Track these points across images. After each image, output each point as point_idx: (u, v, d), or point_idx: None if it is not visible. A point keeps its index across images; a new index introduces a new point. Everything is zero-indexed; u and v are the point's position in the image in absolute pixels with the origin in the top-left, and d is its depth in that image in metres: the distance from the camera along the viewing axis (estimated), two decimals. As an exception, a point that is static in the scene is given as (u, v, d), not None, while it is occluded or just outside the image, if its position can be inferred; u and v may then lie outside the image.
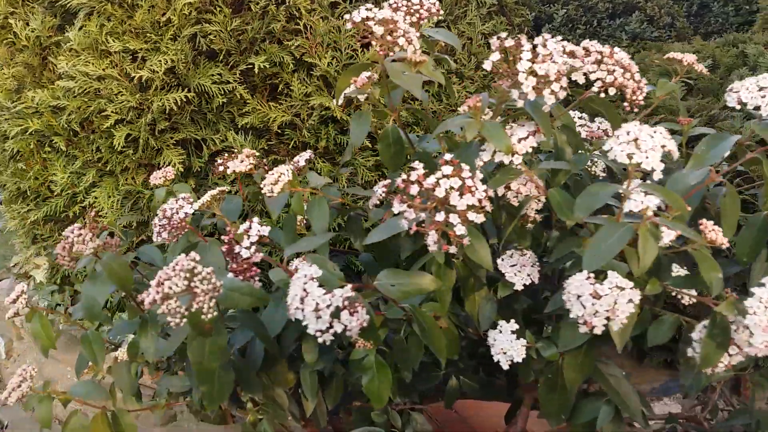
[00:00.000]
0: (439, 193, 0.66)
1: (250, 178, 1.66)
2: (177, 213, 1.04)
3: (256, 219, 0.82)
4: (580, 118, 1.18)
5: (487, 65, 0.70)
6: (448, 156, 0.68)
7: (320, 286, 0.64)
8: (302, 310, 0.65)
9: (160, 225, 1.05)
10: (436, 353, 0.78)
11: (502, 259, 0.87)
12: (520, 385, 1.15)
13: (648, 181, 0.72)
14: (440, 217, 0.66)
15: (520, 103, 0.69)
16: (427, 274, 0.72)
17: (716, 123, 1.62)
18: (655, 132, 0.68)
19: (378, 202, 0.98)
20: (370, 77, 0.85)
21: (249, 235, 0.79)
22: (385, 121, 0.92)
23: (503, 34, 0.71)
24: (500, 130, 0.71)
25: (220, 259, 1.05)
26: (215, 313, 0.73)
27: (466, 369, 1.04)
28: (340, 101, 0.91)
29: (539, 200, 0.82)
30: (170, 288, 0.72)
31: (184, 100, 1.58)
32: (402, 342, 0.89)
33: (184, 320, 0.73)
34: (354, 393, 1.20)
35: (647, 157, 0.66)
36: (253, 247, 0.78)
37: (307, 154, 1.12)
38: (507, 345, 0.84)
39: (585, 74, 0.75)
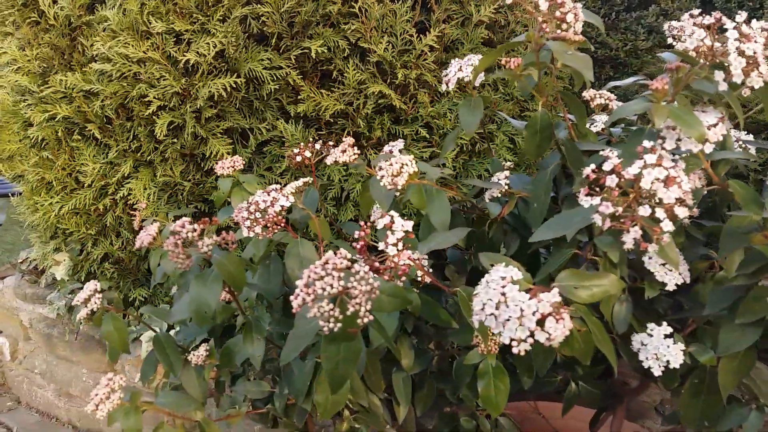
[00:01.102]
0: (645, 184, 0.59)
1: (305, 167, 1.57)
2: (272, 206, 0.96)
3: (394, 213, 0.74)
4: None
5: (691, 43, 0.63)
6: (647, 143, 0.61)
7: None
8: (496, 316, 0.57)
9: (250, 219, 0.96)
10: (610, 360, 0.71)
11: (650, 257, 0.81)
12: (613, 391, 1.10)
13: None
14: (645, 211, 0.59)
15: (722, 86, 0.62)
16: (609, 273, 0.66)
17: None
18: None
19: (499, 194, 0.91)
20: (520, 59, 0.77)
21: (393, 231, 0.71)
22: (531, 107, 0.84)
23: (695, 11, 0.64)
24: (693, 116, 0.64)
25: (314, 255, 0.97)
26: (372, 317, 0.65)
27: (586, 374, 0.98)
28: (477, 82, 0.83)
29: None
30: (323, 289, 0.64)
31: (233, 86, 1.48)
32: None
33: (339, 325, 0.65)
34: (442, 397, 1.13)
35: None
36: (401, 244, 0.70)
37: (399, 143, 1.05)
38: (662, 350, 0.78)
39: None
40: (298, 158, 1.08)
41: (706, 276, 0.90)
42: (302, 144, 1.09)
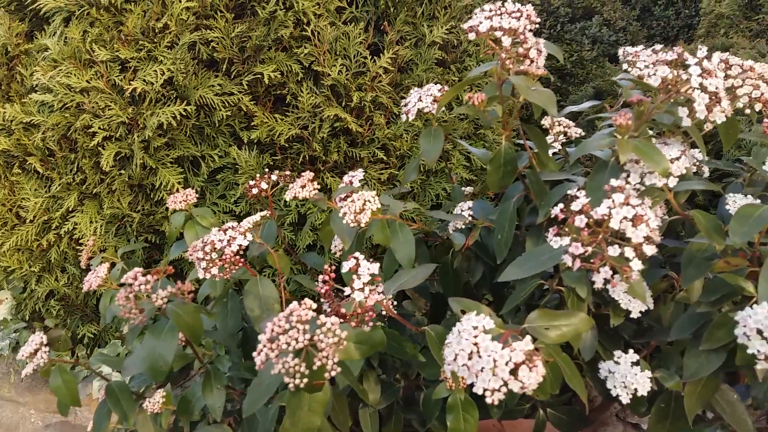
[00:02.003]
0: (614, 224, 0.58)
1: (264, 199, 1.53)
2: (229, 246, 0.92)
3: (360, 255, 0.72)
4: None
5: (655, 81, 0.63)
6: (615, 181, 0.61)
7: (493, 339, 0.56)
8: (469, 367, 0.56)
9: (206, 260, 0.93)
10: (581, 396, 0.70)
11: (615, 286, 0.81)
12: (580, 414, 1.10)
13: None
14: (615, 251, 0.58)
15: (686, 122, 0.62)
16: (578, 313, 0.65)
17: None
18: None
19: (461, 226, 0.90)
20: (484, 95, 0.76)
21: (359, 275, 0.69)
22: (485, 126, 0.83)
23: (658, 47, 0.64)
24: (657, 151, 0.64)
25: (274, 293, 0.94)
26: (339, 370, 0.63)
27: (554, 401, 0.97)
28: (439, 113, 0.82)
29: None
30: (287, 344, 0.61)
31: (183, 114, 1.44)
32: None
33: (305, 381, 0.62)
34: (410, 428, 1.12)
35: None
36: (368, 289, 0.68)
37: (360, 173, 1.03)
38: (630, 378, 0.78)
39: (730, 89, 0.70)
40: (254, 191, 1.05)
41: (667, 297, 0.91)
42: (258, 176, 1.06)
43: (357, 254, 0.72)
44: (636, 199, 0.60)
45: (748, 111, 0.70)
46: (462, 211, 0.91)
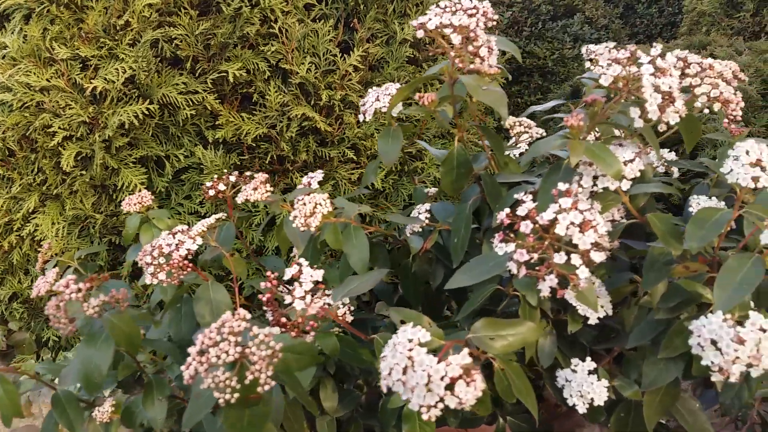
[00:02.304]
0: (560, 230, 0.56)
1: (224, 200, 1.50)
2: (177, 250, 0.89)
3: (304, 261, 0.69)
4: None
5: (604, 81, 0.60)
6: (562, 186, 0.58)
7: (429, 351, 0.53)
8: (404, 382, 0.53)
9: (154, 264, 0.89)
10: (532, 410, 0.68)
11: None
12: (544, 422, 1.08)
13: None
14: (561, 258, 0.56)
15: (638, 123, 0.60)
16: (526, 322, 0.62)
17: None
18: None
19: (419, 229, 0.87)
20: (434, 95, 0.73)
21: (301, 282, 0.66)
22: (448, 141, 0.81)
23: (611, 44, 0.62)
24: (610, 153, 0.62)
25: (226, 298, 0.91)
26: (273, 384, 0.60)
27: (514, 409, 0.95)
28: (394, 112, 0.79)
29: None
30: (218, 357, 0.58)
31: (146, 112, 1.40)
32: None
33: (236, 395, 0.59)
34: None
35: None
36: (309, 297, 0.65)
37: (319, 175, 1.00)
38: (586, 387, 0.75)
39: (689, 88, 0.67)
40: (211, 192, 1.01)
41: (631, 300, 0.88)
42: (216, 177, 1.03)
43: (301, 260, 0.69)
44: (584, 203, 0.58)
45: (707, 111, 0.67)
46: (419, 213, 0.88)
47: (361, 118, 0.91)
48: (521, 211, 0.58)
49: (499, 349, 0.59)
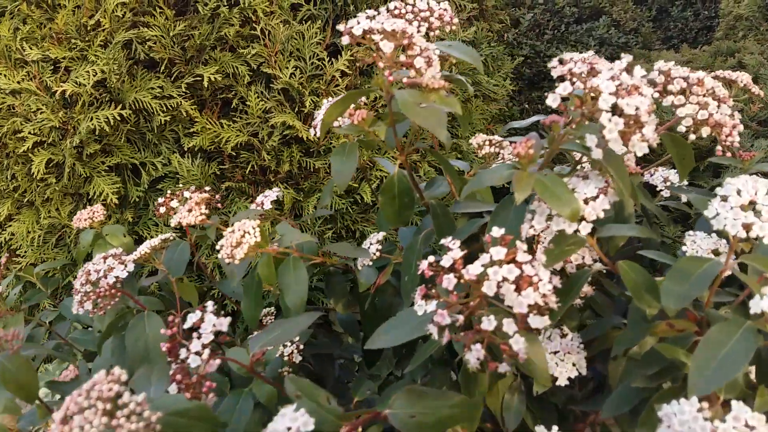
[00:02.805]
0: (488, 289, 0.44)
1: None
2: (105, 277, 0.80)
3: (210, 305, 0.59)
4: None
5: (552, 101, 0.49)
6: (496, 231, 0.47)
7: (316, 437, 0.42)
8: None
9: (82, 292, 0.81)
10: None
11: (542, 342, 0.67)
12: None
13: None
14: (489, 324, 0.44)
15: (596, 153, 0.48)
16: (455, 394, 0.51)
17: (724, 142, 1.46)
18: (775, 190, 0.49)
19: (370, 263, 0.76)
20: (366, 112, 0.63)
21: (200, 334, 0.56)
22: (390, 164, 0.70)
23: (566, 56, 0.50)
24: (565, 189, 0.50)
25: (163, 338, 0.82)
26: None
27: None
28: (321, 132, 0.69)
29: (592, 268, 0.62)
30: (81, 429, 0.48)
31: (118, 118, 1.32)
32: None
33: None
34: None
35: (774, 230, 0.47)
36: (207, 351, 0.55)
37: (273, 193, 0.90)
38: (551, 461, 0.63)
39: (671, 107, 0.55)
40: (162, 209, 0.92)
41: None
42: (169, 192, 0.94)
43: (208, 304, 0.59)
44: (524, 254, 0.46)
45: (693, 137, 0.55)
46: (371, 244, 0.77)
47: (312, 132, 0.80)
48: (446, 261, 0.47)
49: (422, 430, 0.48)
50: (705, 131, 0.54)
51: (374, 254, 0.75)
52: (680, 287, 0.51)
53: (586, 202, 0.52)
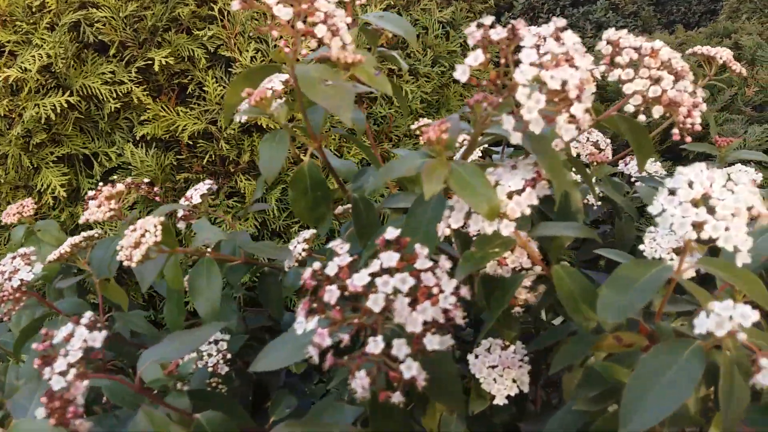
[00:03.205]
0: (374, 303, 0.36)
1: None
2: (10, 280, 0.72)
3: (88, 316, 0.51)
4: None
5: (461, 74, 0.40)
6: (391, 232, 0.39)
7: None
8: None
9: (-9, 294, 0.73)
10: None
11: (476, 356, 0.59)
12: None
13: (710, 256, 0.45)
14: (376, 347, 0.36)
15: (515, 138, 0.40)
16: (333, 426, 0.43)
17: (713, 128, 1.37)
18: (735, 182, 0.40)
19: (295, 264, 0.68)
20: (265, 91, 0.54)
21: (68, 351, 0.48)
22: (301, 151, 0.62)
23: (487, 20, 0.42)
24: (482, 180, 0.42)
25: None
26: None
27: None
28: (236, 119, 0.61)
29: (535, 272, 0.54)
30: None
31: (66, 105, 1.24)
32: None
33: None
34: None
35: (727, 230, 0.39)
36: (72, 372, 0.47)
37: (204, 186, 0.82)
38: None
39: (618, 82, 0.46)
40: (92, 203, 0.84)
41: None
42: (101, 185, 0.86)
43: (85, 314, 0.51)
44: (425, 260, 0.38)
45: (643, 118, 0.46)
46: (298, 243, 0.69)
47: (236, 118, 0.72)
48: (330, 268, 0.39)
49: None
50: (657, 111, 0.45)
51: (299, 255, 0.67)
52: (620, 297, 0.42)
53: (510, 196, 0.43)
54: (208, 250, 0.65)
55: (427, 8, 1.45)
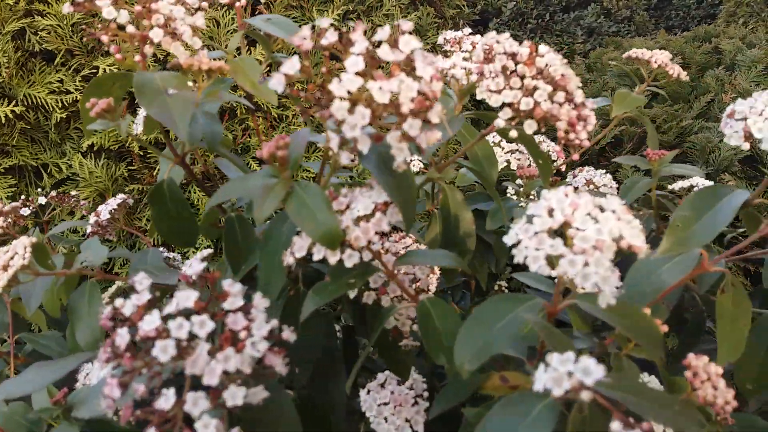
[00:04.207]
0: (162, 351, 0.31)
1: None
2: None
3: None
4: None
5: (276, 84, 0.35)
6: (196, 264, 0.34)
7: None
8: None
9: None
10: None
11: (368, 391, 0.53)
12: None
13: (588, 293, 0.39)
14: (166, 401, 0.31)
15: (343, 158, 0.35)
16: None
17: (688, 136, 1.31)
18: (603, 208, 0.35)
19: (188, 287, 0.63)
20: (108, 102, 0.50)
21: None
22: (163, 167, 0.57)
23: (324, 22, 0.37)
24: (323, 204, 0.37)
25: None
26: None
27: None
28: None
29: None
30: None
31: (11, 115, 1.20)
32: None
33: None
34: None
35: (588, 267, 0.33)
36: None
37: (115, 201, 0.78)
38: None
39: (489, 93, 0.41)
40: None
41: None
42: (23, 197, 0.82)
43: None
44: (236, 299, 0.33)
45: (514, 134, 0.41)
46: (193, 263, 0.64)
47: (136, 129, 0.68)
48: (127, 308, 0.34)
49: None
50: (529, 126, 0.40)
51: (199, 269, 0.61)
52: (479, 339, 0.37)
53: (357, 222, 0.38)
54: (92, 270, 0.61)
55: (390, 13, 1.41)
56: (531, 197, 0.72)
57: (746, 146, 0.46)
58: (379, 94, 0.33)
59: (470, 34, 0.66)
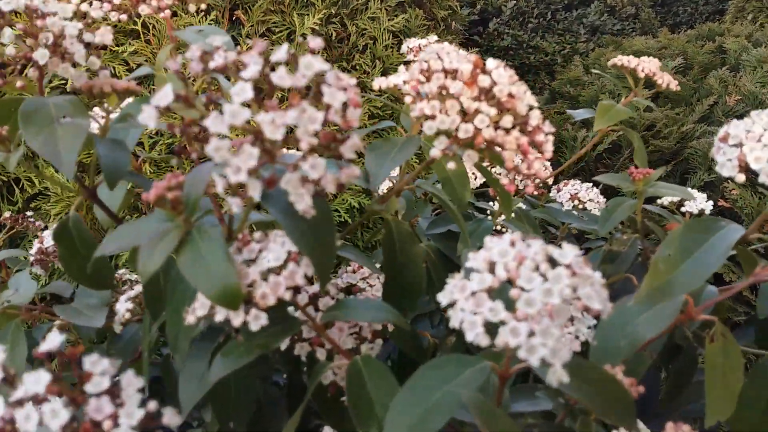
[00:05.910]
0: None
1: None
2: None
3: None
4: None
5: (147, 118, 0.30)
6: (53, 337, 0.28)
7: None
8: None
9: None
10: None
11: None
12: None
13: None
14: None
15: (233, 207, 0.29)
16: None
17: (690, 142, 1.24)
18: (555, 261, 0.29)
19: (122, 327, 0.57)
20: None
21: None
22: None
23: (217, 40, 0.31)
24: (220, 255, 0.31)
25: None
26: None
27: None
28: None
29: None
30: None
31: (-23, 128, 1.15)
32: None
33: None
34: None
35: (534, 337, 0.27)
36: None
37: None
38: None
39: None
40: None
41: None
42: None
43: None
44: (102, 379, 0.27)
45: (452, 165, 0.35)
46: (125, 301, 0.58)
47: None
48: (-27, 391, 0.28)
49: None
50: (470, 157, 0.34)
51: (123, 317, 0.56)
52: (414, 414, 0.31)
53: (264, 277, 0.32)
54: (18, 310, 0.55)
55: (376, 16, 1.34)
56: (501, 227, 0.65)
57: (741, 178, 0.40)
58: (271, 129, 0.27)
59: (436, 41, 0.60)
